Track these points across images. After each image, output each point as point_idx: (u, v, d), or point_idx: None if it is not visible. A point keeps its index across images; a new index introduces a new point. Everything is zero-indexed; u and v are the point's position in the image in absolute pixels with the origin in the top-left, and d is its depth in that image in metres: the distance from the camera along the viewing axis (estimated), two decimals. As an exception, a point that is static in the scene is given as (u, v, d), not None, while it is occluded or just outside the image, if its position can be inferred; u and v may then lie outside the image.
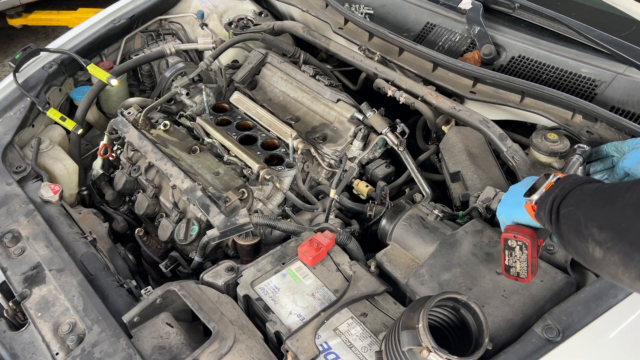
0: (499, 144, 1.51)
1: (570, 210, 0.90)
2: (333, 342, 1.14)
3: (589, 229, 0.83)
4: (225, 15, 2.34)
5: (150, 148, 1.70)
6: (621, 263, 0.79)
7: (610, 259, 0.80)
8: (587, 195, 0.89)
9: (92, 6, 4.80)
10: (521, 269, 1.08)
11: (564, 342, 1.06)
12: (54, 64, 2.02)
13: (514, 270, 1.09)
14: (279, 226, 1.48)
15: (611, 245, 0.80)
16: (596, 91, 1.60)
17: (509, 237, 1.07)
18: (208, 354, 1.09)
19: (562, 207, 0.92)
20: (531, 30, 1.87)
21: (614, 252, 0.79)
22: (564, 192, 0.93)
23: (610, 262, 0.81)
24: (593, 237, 0.83)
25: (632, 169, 1.23)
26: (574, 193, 0.92)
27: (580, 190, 0.92)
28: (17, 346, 1.22)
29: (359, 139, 1.75)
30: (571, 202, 0.91)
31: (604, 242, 0.81)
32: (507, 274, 1.11)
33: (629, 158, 1.25)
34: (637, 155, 1.23)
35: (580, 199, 0.90)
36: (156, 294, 1.22)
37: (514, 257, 1.08)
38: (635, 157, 1.23)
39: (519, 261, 1.08)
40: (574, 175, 1.01)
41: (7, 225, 1.47)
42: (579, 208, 0.88)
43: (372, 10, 2.15)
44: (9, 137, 1.78)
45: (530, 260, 1.06)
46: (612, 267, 0.81)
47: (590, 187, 0.90)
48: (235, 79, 2.03)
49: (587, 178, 0.96)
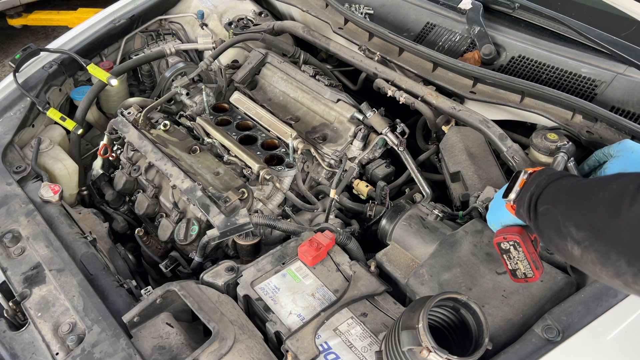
0: (499, 144, 1.51)
1: (547, 208, 0.91)
2: (333, 342, 1.14)
3: (567, 227, 0.85)
4: (225, 15, 2.34)
5: (150, 148, 1.70)
6: (598, 262, 0.80)
7: (588, 258, 0.82)
8: (563, 193, 0.90)
9: (92, 6, 4.80)
10: (525, 268, 1.08)
11: (564, 342, 1.06)
12: (54, 64, 2.02)
13: (520, 273, 1.09)
14: (279, 226, 1.48)
15: (588, 244, 0.81)
16: (596, 91, 1.60)
17: (500, 240, 1.08)
18: (208, 354, 1.09)
19: (540, 204, 0.93)
20: (531, 30, 1.87)
21: (591, 251, 0.81)
22: (540, 188, 0.94)
23: (588, 260, 0.82)
24: (571, 235, 0.84)
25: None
26: (550, 190, 0.93)
27: (555, 187, 0.92)
28: (17, 346, 1.22)
29: (359, 139, 1.75)
30: (548, 200, 0.92)
31: (582, 241, 0.82)
32: (515, 278, 1.10)
33: (609, 167, 1.24)
34: (617, 164, 1.22)
35: (556, 196, 0.91)
36: (156, 294, 1.22)
37: (513, 259, 1.08)
38: (617, 165, 1.22)
39: (519, 261, 1.07)
40: (547, 169, 1.01)
41: (7, 225, 1.47)
42: (556, 206, 0.89)
43: (372, 10, 2.15)
44: (9, 137, 1.78)
45: (529, 256, 1.06)
46: (590, 265, 0.82)
47: (565, 184, 0.91)
48: (235, 79, 2.03)
49: (560, 172, 0.97)
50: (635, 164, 1.20)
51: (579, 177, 0.93)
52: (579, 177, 0.94)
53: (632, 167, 1.20)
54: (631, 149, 1.23)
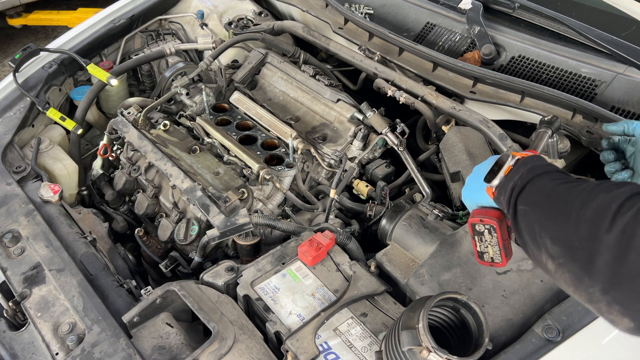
0: (499, 144, 1.50)
1: (526, 210, 0.86)
2: (333, 342, 1.14)
3: (543, 239, 0.80)
4: (225, 15, 2.34)
5: (150, 148, 1.70)
6: (572, 283, 0.76)
7: (562, 276, 0.77)
8: (542, 197, 0.85)
9: (92, 6, 4.80)
10: (494, 253, 1.04)
11: (564, 342, 1.06)
12: (54, 64, 2.02)
13: (488, 256, 1.06)
14: (279, 226, 1.48)
15: (563, 262, 0.76)
16: (596, 91, 1.60)
17: (475, 222, 1.03)
18: (208, 354, 1.09)
19: (519, 202, 0.88)
20: (531, 30, 1.87)
21: (565, 270, 0.76)
22: (523, 181, 0.89)
23: (561, 278, 0.78)
24: (546, 247, 0.79)
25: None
26: (531, 188, 0.88)
27: (537, 186, 0.87)
28: (17, 346, 1.22)
29: (359, 139, 1.75)
30: (527, 200, 0.87)
31: (556, 257, 0.77)
32: (481, 260, 1.07)
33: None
34: None
35: (535, 199, 0.86)
36: (156, 294, 1.22)
37: (484, 242, 1.04)
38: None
39: (490, 245, 1.04)
40: (533, 157, 0.95)
41: (7, 225, 1.47)
42: (534, 211, 0.84)
43: (372, 10, 2.15)
44: (9, 137, 1.78)
45: (501, 242, 1.02)
46: (564, 284, 0.78)
47: (547, 185, 0.86)
48: (235, 79, 2.03)
49: (545, 165, 0.91)
50: None
51: (562, 177, 0.87)
52: (563, 175, 0.88)
53: None
54: None
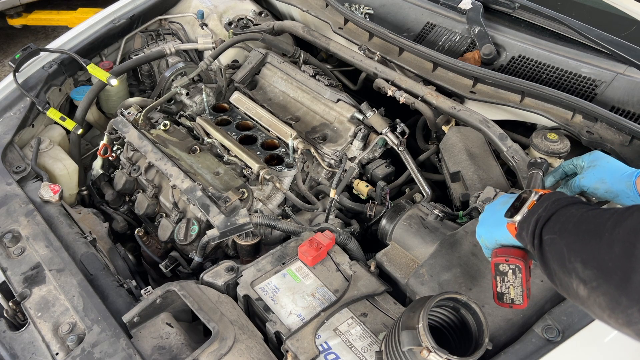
0: (499, 144, 1.51)
1: (553, 238, 0.83)
2: (333, 342, 1.14)
3: (573, 263, 0.77)
4: (225, 15, 2.34)
5: (150, 148, 1.70)
6: (607, 307, 0.72)
7: (596, 301, 0.74)
8: (571, 224, 0.82)
9: (92, 6, 4.80)
10: (515, 294, 1.01)
11: (564, 342, 1.06)
12: (54, 64, 2.02)
13: (508, 297, 1.02)
14: (279, 226, 1.48)
15: (596, 285, 0.73)
16: (596, 91, 1.60)
17: (500, 262, 1.00)
18: (208, 354, 1.09)
19: (545, 233, 0.86)
20: (531, 30, 1.87)
21: (600, 294, 0.73)
22: (548, 213, 0.87)
23: (595, 303, 0.74)
24: (577, 272, 0.76)
25: (591, 188, 1.16)
26: (558, 218, 0.85)
27: (564, 215, 0.85)
28: (17, 346, 1.22)
29: (359, 139, 1.75)
30: (554, 229, 0.84)
31: (589, 281, 0.74)
32: (500, 302, 1.04)
33: (586, 177, 1.17)
34: (594, 174, 1.16)
35: (563, 227, 0.83)
36: (156, 294, 1.22)
37: (507, 282, 1.01)
38: (594, 176, 1.15)
39: (512, 286, 1.01)
40: (557, 193, 0.94)
41: (7, 225, 1.47)
42: (562, 237, 0.81)
43: (372, 10, 2.15)
44: (9, 137, 1.78)
45: (525, 283, 1.00)
46: (598, 310, 0.74)
47: (574, 213, 0.83)
48: (235, 79, 2.03)
49: (570, 198, 0.90)
50: (612, 172, 1.13)
51: (589, 206, 0.85)
52: (589, 205, 0.86)
53: (610, 176, 1.13)
54: (605, 158, 1.18)
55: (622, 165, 1.15)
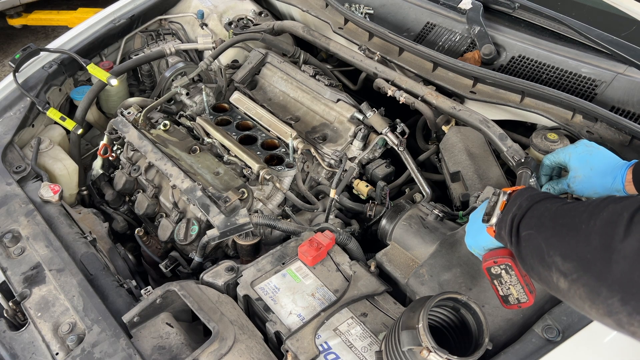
0: (499, 143, 1.50)
1: (530, 234, 0.85)
2: (333, 342, 1.14)
3: (552, 257, 0.78)
4: (225, 15, 2.34)
5: (150, 148, 1.70)
6: (588, 298, 0.74)
7: (576, 292, 0.75)
8: (547, 219, 0.83)
9: (92, 6, 4.80)
10: (518, 292, 1.02)
11: (564, 342, 1.06)
12: (54, 63, 2.02)
13: (513, 298, 1.03)
14: (279, 226, 1.48)
15: (576, 277, 0.75)
16: (596, 91, 1.60)
17: (490, 265, 1.02)
18: (208, 354, 1.09)
19: (522, 229, 0.87)
20: (531, 30, 1.87)
21: (580, 285, 0.74)
22: (522, 210, 0.89)
23: (576, 295, 0.76)
24: (557, 266, 0.78)
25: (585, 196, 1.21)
26: (533, 213, 0.87)
27: (538, 210, 0.86)
28: (17, 346, 1.22)
29: (359, 139, 1.75)
30: (531, 224, 0.86)
31: (569, 274, 0.76)
32: (507, 305, 1.05)
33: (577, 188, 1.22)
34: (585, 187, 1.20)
35: (540, 222, 0.85)
36: (156, 294, 1.22)
37: (505, 284, 1.02)
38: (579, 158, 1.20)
39: (511, 286, 1.02)
40: (528, 189, 0.95)
41: (7, 225, 1.47)
42: (540, 232, 0.83)
43: (372, 10, 2.15)
44: (9, 137, 1.78)
45: (522, 279, 1.00)
46: (579, 301, 0.76)
47: (549, 207, 0.85)
48: (235, 79, 2.03)
49: (543, 193, 0.91)
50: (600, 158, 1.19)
51: (563, 200, 0.87)
52: (563, 199, 0.88)
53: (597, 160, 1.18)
54: (593, 145, 1.23)
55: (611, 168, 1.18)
